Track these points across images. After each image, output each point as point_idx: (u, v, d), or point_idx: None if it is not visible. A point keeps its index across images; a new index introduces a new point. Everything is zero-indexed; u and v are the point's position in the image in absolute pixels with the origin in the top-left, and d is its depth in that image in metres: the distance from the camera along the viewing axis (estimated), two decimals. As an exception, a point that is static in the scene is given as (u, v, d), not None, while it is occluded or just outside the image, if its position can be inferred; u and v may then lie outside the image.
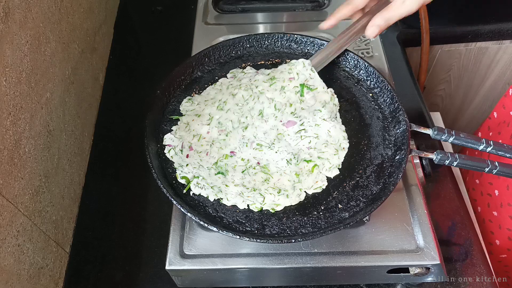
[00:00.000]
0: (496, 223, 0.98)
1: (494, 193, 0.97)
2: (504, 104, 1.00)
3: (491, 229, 1.00)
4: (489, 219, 1.00)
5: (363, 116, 0.81)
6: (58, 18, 0.85)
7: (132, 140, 0.97)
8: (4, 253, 0.64)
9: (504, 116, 0.99)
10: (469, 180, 1.07)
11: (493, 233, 0.99)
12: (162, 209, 0.81)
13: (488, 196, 0.99)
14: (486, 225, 1.01)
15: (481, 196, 1.02)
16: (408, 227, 0.72)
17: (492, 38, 1.24)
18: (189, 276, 0.72)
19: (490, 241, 1.01)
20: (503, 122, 0.99)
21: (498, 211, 0.96)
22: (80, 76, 0.94)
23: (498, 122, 1.01)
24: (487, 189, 0.99)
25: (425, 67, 1.23)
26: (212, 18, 1.09)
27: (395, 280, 0.75)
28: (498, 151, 0.71)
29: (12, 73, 0.67)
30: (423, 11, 1.14)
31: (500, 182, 0.96)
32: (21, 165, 0.69)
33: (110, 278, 0.81)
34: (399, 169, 0.70)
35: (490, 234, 1.00)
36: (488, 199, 0.99)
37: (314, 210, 0.69)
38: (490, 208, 0.99)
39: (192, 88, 0.86)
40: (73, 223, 0.88)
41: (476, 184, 1.04)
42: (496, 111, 1.04)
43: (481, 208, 1.02)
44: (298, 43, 0.90)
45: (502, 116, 1.00)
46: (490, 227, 1.00)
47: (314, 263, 0.69)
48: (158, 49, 1.18)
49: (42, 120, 0.77)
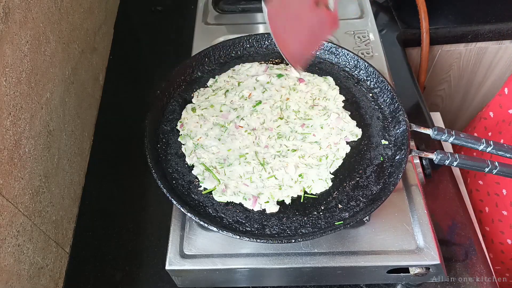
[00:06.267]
0: (506, 222, 0.97)
1: (502, 193, 0.96)
2: (501, 103, 0.99)
3: (501, 229, 0.99)
4: (499, 218, 0.99)
5: (363, 116, 0.81)
6: (58, 18, 0.85)
7: (132, 140, 0.97)
8: (4, 253, 0.64)
9: (502, 115, 0.99)
10: (471, 181, 1.07)
11: (504, 232, 0.99)
12: (162, 209, 0.81)
13: (496, 196, 0.98)
14: (495, 225, 1.01)
15: (488, 196, 1.01)
16: (408, 227, 0.72)
17: (492, 38, 1.24)
18: (189, 276, 0.72)
19: (501, 241, 1.00)
20: (502, 121, 0.98)
21: (508, 210, 0.96)
22: (80, 76, 0.94)
23: (496, 122, 1.01)
24: (494, 189, 0.99)
25: (425, 67, 1.23)
26: (212, 18, 1.09)
27: (395, 280, 0.75)
28: (498, 151, 0.72)
29: (12, 73, 0.67)
30: (423, 11, 1.14)
31: (508, 181, 0.95)
32: (21, 165, 0.69)
33: (110, 278, 0.81)
34: (399, 169, 0.70)
35: (501, 234, 1.00)
36: (496, 199, 0.98)
37: (314, 210, 0.69)
38: (499, 207, 0.98)
39: (192, 88, 0.86)
40: (73, 223, 0.88)
41: (479, 185, 1.03)
42: (491, 111, 1.03)
43: (489, 208, 1.01)
44: (298, 43, 0.90)
45: (500, 115, 1.00)
46: (500, 227, 0.99)
47: (314, 263, 0.69)
48: (158, 49, 1.18)
49: (42, 120, 0.77)
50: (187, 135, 0.78)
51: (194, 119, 0.80)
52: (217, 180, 0.72)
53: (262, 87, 0.84)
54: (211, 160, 0.74)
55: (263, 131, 0.78)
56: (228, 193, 0.70)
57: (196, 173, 0.73)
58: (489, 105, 1.05)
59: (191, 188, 0.72)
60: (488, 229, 1.03)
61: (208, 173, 0.73)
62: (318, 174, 0.73)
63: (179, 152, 0.76)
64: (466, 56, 1.31)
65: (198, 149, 0.76)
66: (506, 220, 0.97)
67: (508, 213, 0.96)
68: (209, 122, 0.79)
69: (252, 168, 0.73)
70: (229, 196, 0.70)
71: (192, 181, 0.73)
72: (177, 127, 0.80)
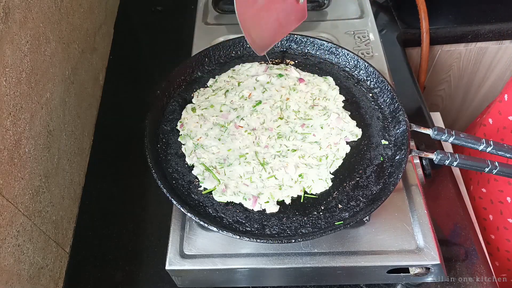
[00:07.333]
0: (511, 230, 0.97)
1: (507, 200, 0.95)
2: (500, 110, 0.98)
3: (507, 237, 0.98)
4: (504, 226, 0.98)
5: (363, 116, 0.81)
6: (58, 18, 0.85)
7: (132, 140, 0.97)
8: (4, 253, 0.64)
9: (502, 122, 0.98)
10: (474, 188, 1.06)
11: (510, 240, 0.98)
12: (162, 209, 0.81)
13: (500, 203, 0.98)
14: (500, 233, 1.00)
15: (492, 204, 1.00)
16: (408, 227, 0.72)
17: (492, 38, 1.24)
18: (189, 276, 0.72)
19: (507, 249, 1.00)
20: (502, 128, 0.98)
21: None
22: (80, 76, 0.94)
23: (496, 128, 1.00)
24: (497, 196, 0.98)
25: (425, 67, 1.23)
26: (212, 18, 1.09)
27: (395, 280, 0.75)
28: (498, 151, 0.71)
29: (12, 73, 0.67)
30: (423, 11, 1.14)
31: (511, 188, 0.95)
32: (21, 165, 0.69)
33: (110, 278, 0.81)
34: (399, 169, 0.70)
35: (506, 242, 0.99)
36: (500, 207, 0.98)
37: (314, 210, 0.69)
38: (504, 215, 0.97)
39: (192, 88, 0.86)
40: (73, 223, 0.88)
41: (482, 192, 1.02)
42: (491, 117, 1.02)
43: (493, 216, 1.00)
44: (298, 43, 0.90)
45: (500, 122, 0.99)
46: (506, 235, 0.98)
47: (314, 263, 0.69)
48: (158, 49, 1.18)
49: (42, 120, 0.77)
50: (187, 135, 0.78)
51: (194, 119, 0.80)
52: (217, 180, 0.72)
53: (262, 87, 0.84)
54: (211, 160, 0.74)
55: (263, 131, 0.78)
56: (228, 193, 0.70)
57: (196, 173, 0.73)
58: (488, 112, 1.04)
59: (191, 188, 0.72)
60: (494, 237, 1.02)
61: (208, 173, 0.73)
62: (318, 174, 0.73)
63: (179, 152, 0.76)
64: (466, 56, 1.31)
65: (198, 149, 0.76)
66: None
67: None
68: (209, 122, 0.79)
69: (252, 168, 0.73)
70: (229, 196, 0.70)
71: (192, 181, 0.73)
72: (177, 127, 0.80)
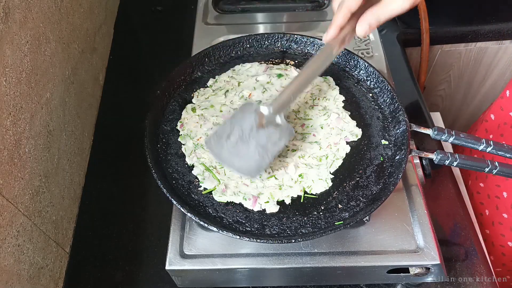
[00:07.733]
0: (506, 225, 0.97)
1: (503, 195, 0.96)
2: (502, 106, 0.99)
3: (502, 232, 0.99)
4: (499, 221, 0.99)
5: (363, 116, 0.81)
6: (58, 18, 0.85)
7: (132, 140, 0.97)
8: (4, 253, 0.64)
9: (503, 117, 0.99)
10: (472, 183, 1.06)
11: (504, 235, 0.99)
12: (162, 209, 0.81)
13: (496, 198, 0.98)
14: (495, 228, 1.01)
15: (488, 199, 1.01)
16: (408, 227, 0.72)
17: (492, 38, 1.24)
18: (189, 276, 0.72)
19: (501, 243, 1.00)
20: (503, 123, 0.98)
21: (508, 213, 0.96)
22: (80, 76, 0.94)
23: (497, 124, 1.01)
24: (494, 191, 0.99)
25: (425, 67, 1.23)
26: (212, 18, 1.09)
27: (395, 280, 0.75)
28: (498, 151, 0.71)
29: (12, 73, 0.67)
30: (423, 11, 1.14)
31: (508, 184, 0.95)
32: (21, 165, 0.69)
33: (110, 278, 0.81)
34: (399, 169, 0.70)
35: (501, 237, 1.00)
36: (496, 202, 0.98)
37: (314, 210, 0.69)
38: (499, 210, 0.98)
39: (192, 88, 0.86)
40: (73, 223, 0.88)
41: (480, 187, 1.03)
42: (492, 113, 1.03)
43: (489, 211, 1.01)
44: (298, 43, 0.90)
45: (501, 117, 0.99)
46: (501, 230, 0.99)
47: (314, 263, 0.69)
48: (158, 49, 1.18)
49: (42, 120, 0.77)
50: (187, 135, 0.78)
51: (194, 119, 0.80)
52: (217, 180, 0.72)
53: (262, 87, 0.84)
54: (211, 160, 0.74)
55: None
56: (228, 193, 0.70)
57: (196, 173, 0.73)
58: (490, 108, 1.05)
59: (191, 188, 0.72)
60: (489, 232, 1.03)
61: (208, 173, 0.73)
62: (318, 174, 0.73)
63: (179, 152, 0.76)
64: (466, 56, 1.31)
65: (198, 149, 0.76)
66: (507, 222, 0.97)
67: (508, 215, 0.96)
68: (209, 122, 0.79)
69: None
70: (229, 196, 0.70)
71: (192, 181, 0.73)
72: (177, 127, 0.80)
